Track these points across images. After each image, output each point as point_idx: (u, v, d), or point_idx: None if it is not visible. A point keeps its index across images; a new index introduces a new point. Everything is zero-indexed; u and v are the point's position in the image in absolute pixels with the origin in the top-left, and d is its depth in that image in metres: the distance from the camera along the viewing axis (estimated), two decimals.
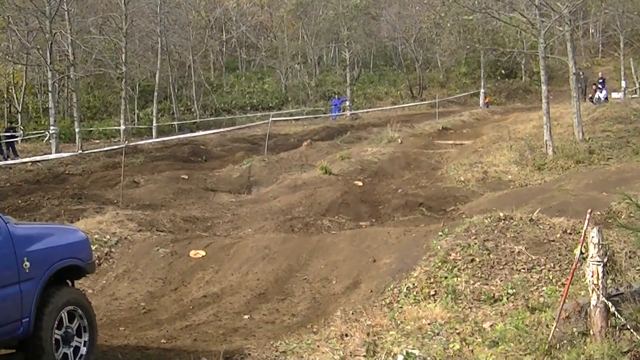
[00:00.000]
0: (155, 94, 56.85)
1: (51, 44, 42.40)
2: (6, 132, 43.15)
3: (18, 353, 9.79)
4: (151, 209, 25.68)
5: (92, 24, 57.80)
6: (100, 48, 54.50)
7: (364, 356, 10.21)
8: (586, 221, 9.96)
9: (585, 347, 9.36)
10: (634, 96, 53.20)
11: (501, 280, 13.53)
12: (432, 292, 13.50)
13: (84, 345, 10.39)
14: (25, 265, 9.44)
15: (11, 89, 59.21)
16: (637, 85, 56.27)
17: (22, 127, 50.92)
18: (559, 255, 14.22)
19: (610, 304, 9.37)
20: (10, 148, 42.72)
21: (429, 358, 9.84)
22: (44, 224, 13.29)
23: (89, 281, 16.90)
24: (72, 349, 10.15)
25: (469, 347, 10.35)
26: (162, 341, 12.58)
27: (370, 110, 63.68)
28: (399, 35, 73.47)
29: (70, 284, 10.85)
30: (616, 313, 9.30)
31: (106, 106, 62.76)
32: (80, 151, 37.98)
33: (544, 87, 34.96)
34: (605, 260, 9.61)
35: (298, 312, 14.13)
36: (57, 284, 10.25)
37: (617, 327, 9.51)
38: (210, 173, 36.16)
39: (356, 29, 68.08)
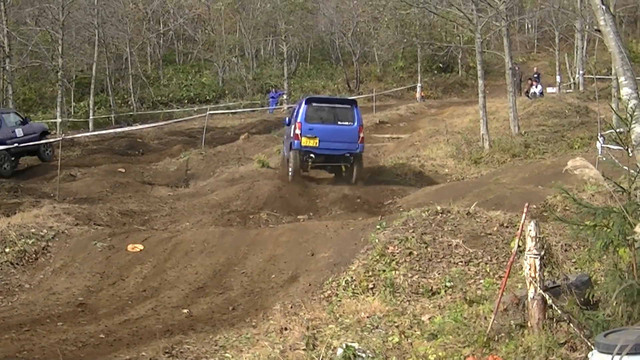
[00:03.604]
0: (92, 86, 56.39)
1: None
2: None
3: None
4: (88, 202, 25.48)
5: (29, 15, 57.18)
6: (37, 40, 53.75)
7: (304, 350, 10.21)
8: (523, 215, 10.05)
9: (523, 339, 9.45)
10: (568, 91, 54.04)
11: (439, 274, 13.62)
12: (371, 286, 13.53)
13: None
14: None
15: None
16: (572, 80, 57.07)
17: None
18: (496, 248, 14.36)
19: (547, 296, 9.46)
20: None
21: (368, 351, 9.85)
22: None
23: (25, 276, 16.75)
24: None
25: (408, 340, 10.39)
26: (101, 336, 12.45)
27: None
28: (336, 29, 73.39)
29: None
30: (553, 305, 9.39)
31: (42, 98, 61.94)
32: (16, 144, 37.45)
33: (480, 82, 35.32)
34: (542, 253, 9.71)
35: (237, 306, 14.07)
36: None
37: (554, 319, 9.61)
38: (148, 166, 35.99)
39: (294, 23, 68.03)
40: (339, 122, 28.15)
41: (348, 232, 16.70)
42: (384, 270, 13.89)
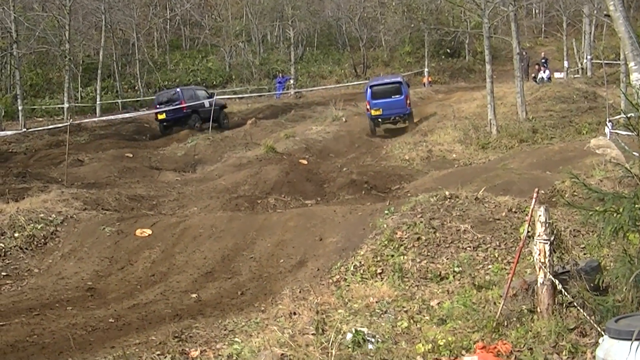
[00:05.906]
0: (99, 71, 56.34)
1: None
2: None
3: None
4: (96, 187, 25.53)
5: (35, 1, 57.08)
6: (44, 25, 53.71)
7: (313, 334, 10.19)
8: (533, 200, 10.02)
9: (532, 324, 9.42)
10: (576, 76, 53.80)
11: (447, 259, 13.59)
12: (379, 271, 13.52)
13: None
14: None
15: None
16: (580, 65, 56.86)
17: None
18: (504, 233, 14.31)
19: (557, 282, 9.43)
20: None
21: (377, 336, 9.84)
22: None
23: (34, 261, 16.79)
24: None
25: (416, 325, 10.37)
26: (110, 320, 12.50)
27: (314, 88, 63.50)
28: (343, 14, 73.29)
29: None
30: (563, 290, 9.36)
31: (49, 84, 61.95)
32: (24, 129, 37.48)
33: (487, 67, 35.22)
34: (552, 238, 9.68)
35: (245, 291, 14.09)
36: None
37: (564, 305, 9.58)
38: (155, 151, 36.00)
39: (300, 8, 67.83)
40: (392, 96, 39.84)
41: (356, 217, 16.69)
42: (393, 256, 13.87)
